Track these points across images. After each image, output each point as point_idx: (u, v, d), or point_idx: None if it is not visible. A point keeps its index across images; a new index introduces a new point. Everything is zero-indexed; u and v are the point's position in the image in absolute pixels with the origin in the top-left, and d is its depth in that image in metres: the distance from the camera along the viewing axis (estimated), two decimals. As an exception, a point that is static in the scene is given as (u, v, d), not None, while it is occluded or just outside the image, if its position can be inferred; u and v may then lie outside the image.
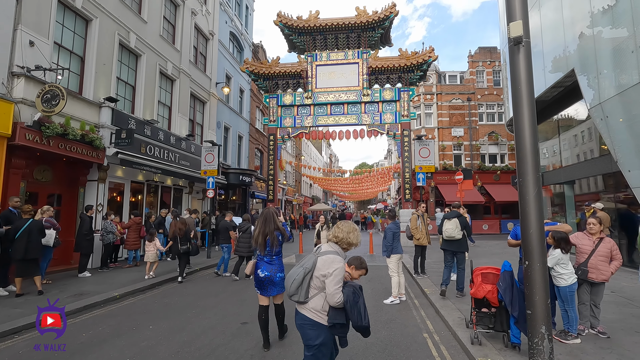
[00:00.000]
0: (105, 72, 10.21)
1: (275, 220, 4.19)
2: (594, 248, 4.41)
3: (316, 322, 2.56)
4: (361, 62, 15.94)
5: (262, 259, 4.14)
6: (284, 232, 4.24)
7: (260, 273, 4.07)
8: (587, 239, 4.52)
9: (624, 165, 8.47)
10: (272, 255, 4.13)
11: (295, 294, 2.60)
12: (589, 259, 4.38)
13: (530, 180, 3.59)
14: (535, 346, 3.41)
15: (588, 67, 9.65)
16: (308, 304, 2.60)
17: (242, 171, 18.69)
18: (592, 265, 4.33)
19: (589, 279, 4.35)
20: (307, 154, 43.55)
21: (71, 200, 9.48)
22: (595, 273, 4.32)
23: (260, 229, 4.12)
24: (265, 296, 4.15)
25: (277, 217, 4.27)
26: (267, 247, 4.09)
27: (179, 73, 14.07)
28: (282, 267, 4.22)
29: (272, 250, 4.11)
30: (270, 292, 4.12)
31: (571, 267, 4.31)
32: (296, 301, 2.63)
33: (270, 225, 4.12)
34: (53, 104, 7.75)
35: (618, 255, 4.39)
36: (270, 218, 4.15)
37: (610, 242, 4.43)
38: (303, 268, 2.61)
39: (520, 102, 3.72)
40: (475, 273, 4.31)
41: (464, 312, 5.29)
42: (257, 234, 4.12)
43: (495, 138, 24.29)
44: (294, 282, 2.59)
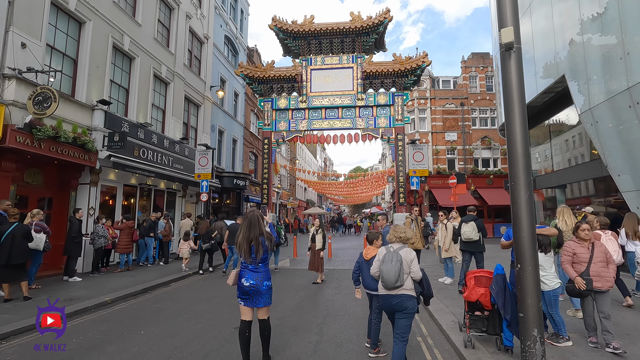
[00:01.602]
0: (98, 75, 10.14)
1: (261, 224, 3.81)
2: (591, 254, 4.18)
3: (412, 296, 3.56)
4: (356, 67, 16.03)
5: (247, 266, 3.77)
6: (270, 237, 3.85)
7: (244, 282, 3.69)
8: (580, 247, 4.28)
9: (613, 170, 8.60)
10: (257, 263, 3.75)
11: (397, 282, 3.47)
12: (589, 267, 4.13)
13: (522, 184, 3.63)
14: (528, 349, 3.43)
15: (578, 73, 9.82)
16: (405, 285, 3.54)
17: (236, 175, 18.64)
18: (595, 273, 4.07)
19: (595, 289, 4.05)
20: (302, 158, 43.56)
21: (62, 204, 9.35)
22: (600, 281, 4.06)
23: (244, 235, 3.74)
24: (248, 307, 3.73)
25: (263, 221, 3.90)
26: (252, 254, 3.72)
27: (173, 76, 14.03)
28: (268, 275, 3.83)
29: (257, 257, 3.73)
30: (257, 303, 3.71)
31: (553, 271, 4.25)
32: (397, 287, 3.50)
33: (255, 230, 3.74)
34: (45, 106, 7.67)
35: (612, 258, 4.27)
36: (255, 222, 3.78)
37: (601, 245, 4.30)
38: (396, 263, 3.51)
39: (512, 107, 3.77)
40: (468, 276, 4.33)
41: (458, 315, 5.30)
42: (241, 240, 3.74)
43: (488, 143, 24.53)
44: (394, 274, 3.47)
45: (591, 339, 4.15)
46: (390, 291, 3.54)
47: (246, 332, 3.72)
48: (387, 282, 3.50)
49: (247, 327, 3.75)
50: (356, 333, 5.00)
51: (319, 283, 8.54)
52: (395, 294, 3.52)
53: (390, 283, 3.48)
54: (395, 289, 3.51)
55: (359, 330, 5.10)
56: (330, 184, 39.56)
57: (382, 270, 3.56)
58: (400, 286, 3.49)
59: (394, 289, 3.50)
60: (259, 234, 3.75)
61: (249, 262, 3.76)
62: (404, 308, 3.49)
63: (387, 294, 3.57)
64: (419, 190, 22.57)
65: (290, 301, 6.84)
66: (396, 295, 3.52)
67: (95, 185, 9.86)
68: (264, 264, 3.85)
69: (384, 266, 3.57)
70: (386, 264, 3.55)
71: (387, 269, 3.51)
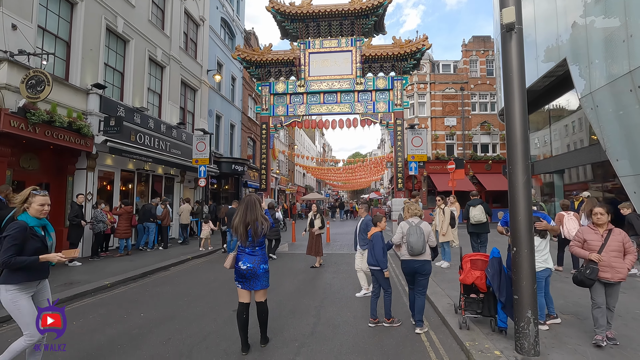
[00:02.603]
0: (92, 58, 9.96)
1: (257, 208, 3.80)
2: (604, 242, 3.76)
3: (429, 260, 4.45)
4: (354, 50, 15.76)
5: (244, 250, 3.79)
6: (266, 221, 3.84)
7: (241, 265, 3.73)
8: (594, 233, 3.87)
9: (612, 154, 8.59)
10: (254, 246, 3.78)
11: (422, 250, 4.33)
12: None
13: (520, 167, 3.62)
14: (522, 330, 3.49)
15: (580, 56, 9.69)
16: (425, 253, 4.39)
17: (234, 160, 18.56)
18: (605, 263, 3.68)
19: (602, 279, 3.71)
20: (301, 144, 43.38)
21: (60, 189, 9.32)
22: (610, 272, 3.67)
23: (241, 218, 3.74)
24: (246, 290, 3.78)
25: (261, 205, 3.91)
26: (249, 238, 3.74)
27: (169, 59, 13.79)
28: (265, 259, 3.87)
29: (254, 241, 3.75)
30: (254, 286, 3.76)
31: (546, 254, 4.20)
32: (422, 253, 4.34)
33: (252, 214, 3.74)
34: (38, 90, 7.55)
35: (632, 248, 3.74)
36: (253, 206, 3.78)
37: (620, 233, 3.78)
38: (421, 235, 4.34)
39: (511, 90, 3.72)
40: (465, 260, 4.36)
41: (454, 298, 5.37)
42: (237, 224, 3.74)
43: (488, 128, 24.42)
44: (421, 244, 4.30)
45: (597, 336, 3.70)
46: (415, 257, 4.38)
47: (244, 314, 3.77)
48: (414, 250, 4.32)
49: (245, 309, 3.79)
50: (353, 315, 5.07)
51: (317, 267, 8.62)
52: (418, 259, 4.39)
53: (417, 251, 4.32)
54: (419, 255, 4.36)
55: (356, 313, 5.17)
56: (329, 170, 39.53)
57: (411, 242, 4.33)
58: (423, 253, 4.36)
59: (418, 255, 4.35)
60: (255, 217, 3.74)
61: (246, 245, 3.78)
62: (424, 270, 4.40)
63: (411, 259, 4.41)
64: (417, 176, 22.60)
65: (288, 285, 6.92)
66: (419, 260, 4.39)
67: (92, 171, 9.81)
68: (261, 248, 3.86)
69: (411, 238, 4.33)
70: (413, 236, 4.33)
71: (415, 240, 4.31)
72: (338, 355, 3.78)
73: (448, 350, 3.88)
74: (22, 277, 2.86)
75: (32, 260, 2.81)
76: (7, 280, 2.82)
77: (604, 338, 3.68)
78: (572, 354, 3.53)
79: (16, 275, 2.83)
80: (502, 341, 3.85)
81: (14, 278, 2.83)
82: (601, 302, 3.75)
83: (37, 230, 2.99)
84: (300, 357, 3.73)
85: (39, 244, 2.93)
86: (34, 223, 2.97)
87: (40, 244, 2.94)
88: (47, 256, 2.87)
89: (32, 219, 2.97)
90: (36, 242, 2.92)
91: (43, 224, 3.09)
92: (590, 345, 3.70)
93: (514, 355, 3.48)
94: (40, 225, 3.04)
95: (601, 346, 3.62)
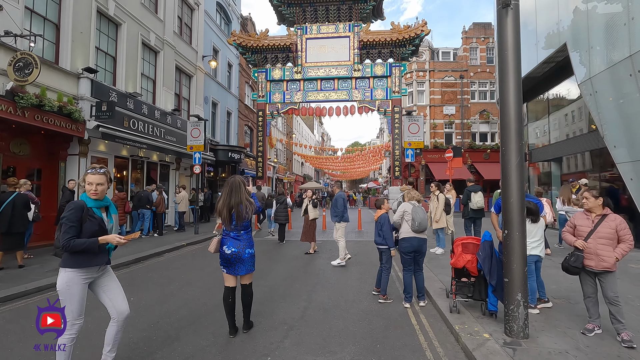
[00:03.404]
0: (82, 41, 9.73)
1: (242, 191, 3.68)
2: (593, 228, 3.57)
3: (427, 239, 4.81)
4: (352, 36, 15.50)
5: (228, 234, 3.69)
6: (252, 205, 3.72)
7: (226, 250, 3.64)
8: (585, 219, 3.69)
9: (610, 141, 8.50)
10: (238, 230, 3.68)
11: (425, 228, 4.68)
12: (586, 241, 3.58)
13: (513, 148, 3.54)
14: (511, 312, 3.46)
15: (580, 42, 9.51)
16: (424, 232, 4.73)
17: (230, 148, 18.42)
18: (590, 250, 3.51)
19: (587, 267, 3.54)
20: (299, 132, 43.14)
21: (52, 175, 9.22)
22: (595, 260, 3.48)
23: (225, 201, 3.64)
24: (232, 275, 3.72)
25: (246, 188, 3.77)
26: (233, 221, 3.63)
27: (163, 44, 13.53)
28: (251, 243, 3.77)
29: (238, 225, 3.65)
30: (239, 271, 3.67)
31: (538, 238, 4.16)
32: (424, 230, 4.69)
33: (236, 197, 3.63)
34: (26, 73, 7.38)
35: (627, 236, 3.45)
36: (237, 188, 3.67)
37: (615, 219, 3.52)
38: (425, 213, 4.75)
39: (506, 69, 3.61)
40: (456, 243, 4.31)
41: (446, 283, 5.34)
42: (221, 207, 3.64)
43: (487, 116, 24.25)
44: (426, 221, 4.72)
45: (587, 325, 3.63)
46: (418, 234, 4.68)
47: (229, 298, 3.72)
48: (422, 226, 4.63)
49: (230, 293, 3.74)
50: (344, 300, 5.04)
51: (312, 253, 8.60)
52: (421, 237, 4.71)
53: (424, 227, 4.65)
54: (421, 233, 4.68)
55: (347, 297, 5.15)
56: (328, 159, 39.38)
57: (419, 218, 4.62)
58: (423, 231, 4.70)
59: (421, 232, 4.66)
60: (240, 201, 3.63)
61: (230, 229, 3.68)
62: (425, 248, 4.77)
63: (415, 237, 4.69)
64: (415, 164, 22.55)
65: (281, 270, 6.90)
66: (421, 238, 4.72)
67: (84, 157, 9.69)
68: (246, 232, 3.76)
69: (419, 215, 4.65)
70: (419, 215, 4.66)
71: (422, 217, 4.65)
72: (327, 337, 3.75)
73: (437, 333, 3.85)
74: (82, 261, 2.69)
75: (90, 242, 2.63)
76: (67, 264, 2.67)
77: (595, 326, 3.58)
78: (562, 337, 3.51)
79: (76, 258, 2.67)
80: (492, 324, 3.83)
81: (74, 261, 2.67)
82: (590, 292, 3.62)
83: (96, 212, 2.79)
84: (289, 340, 3.70)
85: (96, 227, 2.74)
86: (92, 204, 2.77)
87: (97, 227, 2.75)
88: (106, 237, 2.70)
89: (90, 200, 2.78)
90: (93, 224, 2.73)
91: (104, 204, 2.89)
92: (580, 329, 3.67)
93: (502, 338, 3.45)
94: (100, 206, 2.84)
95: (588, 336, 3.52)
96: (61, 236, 2.60)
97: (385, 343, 3.62)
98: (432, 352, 3.42)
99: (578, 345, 3.33)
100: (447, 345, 3.56)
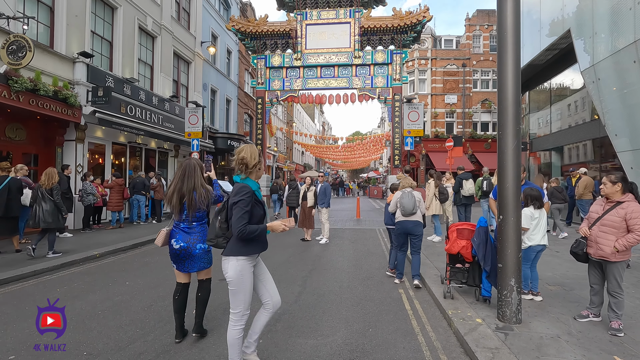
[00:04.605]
0: (78, 25, 9.58)
1: (197, 176, 3.14)
2: (600, 215, 3.42)
3: (421, 222, 5.00)
4: (353, 22, 15.23)
5: (178, 225, 3.18)
6: (208, 192, 3.19)
7: (174, 243, 3.13)
8: (598, 205, 3.53)
9: (611, 130, 8.40)
10: (190, 222, 3.15)
11: (413, 209, 4.87)
12: (591, 228, 3.47)
13: (510, 132, 3.47)
14: (504, 298, 3.44)
15: (584, 28, 9.32)
16: (416, 214, 4.95)
17: (230, 136, 18.32)
18: (591, 238, 3.42)
19: (589, 254, 3.48)
20: (299, 121, 42.89)
21: (48, 161, 9.18)
22: (593, 247, 3.40)
23: (176, 186, 3.09)
24: (183, 272, 3.28)
25: (203, 172, 3.28)
26: (184, 211, 3.12)
27: (160, 29, 13.32)
28: (204, 236, 3.19)
29: (190, 215, 3.12)
30: (190, 268, 3.22)
31: (540, 230, 3.99)
32: (413, 213, 4.90)
33: (189, 182, 3.09)
34: (19, 56, 7.29)
35: (636, 227, 3.16)
36: (192, 172, 3.12)
37: (627, 207, 3.24)
38: (412, 197, 4.91)
39: (505, 50, 3.52)
40: (451, 229, 4.28)
41: (441, 270, 5.34)
42: (171, 193, 3.10)
43: (489, 106, 24.01)
44: (411, 204, 4.86)
45: (582, 311, 3.62)
46: (408, 217, 4.93)
47: (177, 295, 3.30)
48: (406, 210, 4.85)
49: (179, 289, 3.33)
50: (339, 285, 5.04)
51: (309, 240, 8.61)
52: (411, 219, 4.93)
53: (408, 210, 4.85)
54: (411, 216, 4.91)
55: (342, 283, 5.15)
56: (328, 148, 39.27)
57: (403, 203, 4.88)
58: (414, 214, 4.92)
59: (410, 215, 4.89)
60: (193, 187, 3.10)
61: (180, 219, 3.17)
62: (417, 231, 4.95)
63: (405, 220, 4.95)
64: (415, 153, 22.44)
65: (277, 257, 6.90)
66: (411, 221, 4.93)
67: (81, 142, 9.64)
68: (200, 223, 3.22)
69: (403, 200, 4.90)
70: (404, 199, 4.90)
71: (406, 201, 4.88)
72: (319, 322, 3.75)
73: (430, 318, 3.85)
74: (253, 248, 2.52)
75: (261, 228, 2.47)
76: (240, 251, 2.48)
77: (589, 314, 3.54)
78: (554, 322, 3.49)
79: (248, 246, 2.50)
80: (485, 310, 3.82)
81: (247, 249, 2.49)
82: (592, 281, 3.54)
83: (258, 195, 2.59)
84: (281, 323, 3.70)
85: (262, 211, 2.58)
86: (255, 187, 2.59)
87: (263, 211, 2.59)
88: (272, 224, 2.53)
89: (254, 182, 2.60)
90: (259, 209, 2.56)
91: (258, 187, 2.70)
92: (573, 315, 3.67)
93: (495, 323, 3.45)
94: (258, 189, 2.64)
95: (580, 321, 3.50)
96: (236, 222, 2.40)
97: (378, 327, 3.62)
98: (424, 336, 3.42)
99: (570, 330, 3.32)
100: (440, 330, 3.56)
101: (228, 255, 2.51)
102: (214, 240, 2.58)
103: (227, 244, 2.53)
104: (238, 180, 2.57)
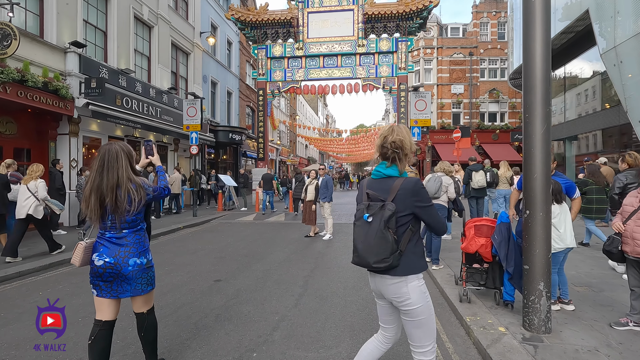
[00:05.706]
0: (69, 13, 9.17)
1: (123, 167, 2.25)
2: (636, 208, 3.04)
3: (444, 206, 5.27)
4: (356, 9, 14.67)
5: (103, 235, 2.26)
6: (140, 189, 2.28)
7: (96, 260, 2.20)
8: (633, 197, 3.15)
9: (634, 116, 7.86)
10: (119, 229, 2.25)
11: (435, 194, 5.02)
12: (625, 223, 3.10)
13: (539, 115, 3.01)
14: (531, 304, 3.02)
15: (604, 7, 8.72)
16: (440, 198, 5.19)
17: (231, 129, 17.92)
18: (626, 234, 3.04)
19: (625, 253, 3.07)
20: (303, 114, 42.34)
21: (41, 155, 8.85)
22: (630, 245, 3.01)
23: (94, 183, 2.21)
24: (106, 299, 2.26)
25: (132, 161, 2.36)
26: (108, 215, 2.24)
27: (157, 19, 12.88)
28: (142, 248, 2.33)
29: (117, 221, 2.23)
30: (120, 293, 2.26)
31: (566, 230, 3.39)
32: (435, 197, 5.03)
33: (111, 177, 2.21)
34: (4, 45, 6.91)
35: None
36: (113, 163, 2.23)
37: None
38: (438, 182, 5.09)
39: (532, 13, 3.04)
40: (468, 226, 3.85)
41: (454, 269, 4.93)
42: (88, 193, 2.21)
43: (496, 95, 23.32)
44: (434, 188, 5.02)
45: (621, 319, 3.18)
46: (435, 201, 4.98)
47: (93, 338, 2.24)
48: (430, 192, 4.81)
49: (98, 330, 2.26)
50: (343, 286, 4.65)
51: (312, 236, 8.23)
52: (436, 202, 4.98)
53: (431, 193, 4.88)
54: (436, 199, 5.08)
55: (347, 283, 4.76)
56: (332, 141, 38.74)
57: (428, 186, 5.02)
58: (437, 198, 5.11)
59: (433, 199, 4.79)
60: (117, 183, 2.21)
61: (104, 227, 2.27)
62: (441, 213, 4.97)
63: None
64: (421, 146, 21.88)
65: (278, 254, 6.53)
66: (436, 204, 4.90)
67: (75, 136, 9.29)
68: (133, 230, 2.31)
69: (429, 183, 5.11)
70: (430, 182, 5.13)
71: (431, 184, 5.07)
72: (321, 330, 3.36)
73: (445, 325, 3.45)
74: None
75: None
76: (422, 266, 1.92)
77: (629, 322, 3.10)
78: (588, 331, 3.07)
79: (423, 257, 1.96)
80: (508, 316, 3.40)
81: (424, 261, 1.95)
82: (633, 284, 3.10)
83: None
84: (279, 332, 3.32)
85: None
86: None
87: None
88: None
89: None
90: None
91: None
92: (608, 321, 3.24)
93: (521, 333, 3.03)
94: None
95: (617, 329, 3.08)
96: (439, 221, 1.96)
97: (387, 336, 3.22)
98: (440, 348, 3.01)
99: (609, 341, 2.90)
100: (457, 340, 3.16)
101: (407, 275, 1.87)
102: (389, 259, 1.82)
103: (401, 260, 1.86)
104: (382, 171, 1.96)
